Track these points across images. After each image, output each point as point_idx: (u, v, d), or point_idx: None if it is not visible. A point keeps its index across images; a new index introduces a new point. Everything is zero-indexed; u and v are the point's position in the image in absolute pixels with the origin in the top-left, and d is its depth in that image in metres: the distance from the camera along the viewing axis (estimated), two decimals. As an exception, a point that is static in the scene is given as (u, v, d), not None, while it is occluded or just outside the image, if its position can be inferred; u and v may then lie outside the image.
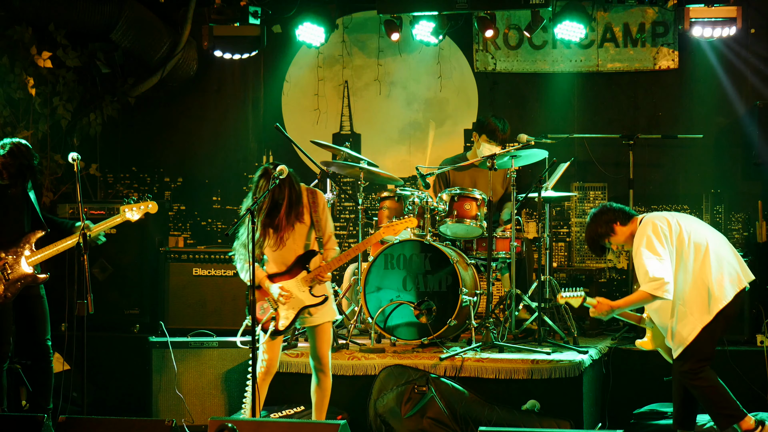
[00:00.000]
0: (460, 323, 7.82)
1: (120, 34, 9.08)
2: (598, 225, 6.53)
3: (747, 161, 8.93)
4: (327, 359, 6.66)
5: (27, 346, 7.28)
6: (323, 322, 6.62)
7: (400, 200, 8.01)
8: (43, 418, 6.04)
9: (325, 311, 6.61)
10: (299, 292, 6.50)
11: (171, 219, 9.80)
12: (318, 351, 6.64)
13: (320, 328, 6.62)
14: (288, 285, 6.49)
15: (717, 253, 6.34)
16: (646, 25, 9.15)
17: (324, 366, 6.66)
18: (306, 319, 6.58)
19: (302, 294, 6.50)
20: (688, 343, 6.28)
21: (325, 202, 6.66)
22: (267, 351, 6.57)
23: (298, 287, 6.50)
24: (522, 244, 8.17)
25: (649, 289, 6.20)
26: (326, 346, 6.65)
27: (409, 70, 9.66)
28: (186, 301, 8.55)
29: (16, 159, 7.01)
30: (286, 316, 6.49)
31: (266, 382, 6.61)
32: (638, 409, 7.47)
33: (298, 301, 6.49)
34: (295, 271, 6.53)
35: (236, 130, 9.88)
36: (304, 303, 6.50)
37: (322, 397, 6.71)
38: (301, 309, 6.51)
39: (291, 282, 6.51)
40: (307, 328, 6.65)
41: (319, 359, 6.64)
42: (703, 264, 6.29)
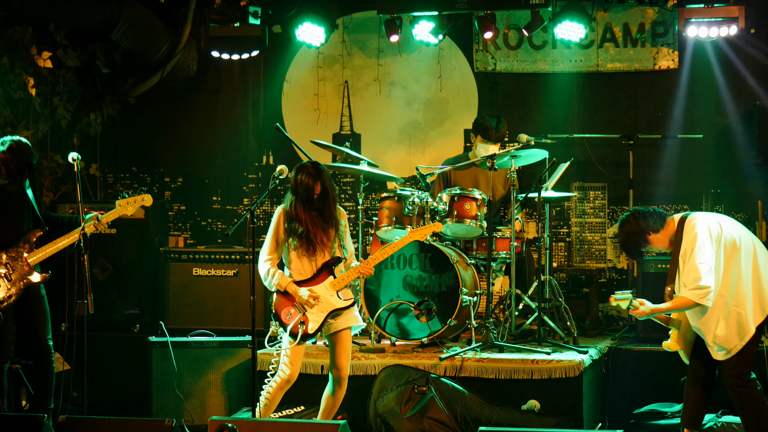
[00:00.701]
0: (460, 323, 7.82)
1: (120, 34, 9.08)
2: (630, 237, 6.39)
3: (747, 161, 8.93)
4: (346, 369, 6.61)
5: (28, 346, 7.28)
6: (345, 328, 6.58)
7: (400, 200, 8.01)
8: (43, 418, 6.04)
9: (349, 317, 6.59)
10: (328, 296, 6.50)
11: (171, 219, 9.80)
12: (338, 359, 6.59)
13: (342, 334, 6.57)
14: (316, 289, 6.50)
15: (764, 255, 6.29)
16: (646, 25, 9.15)
17: (343, 377, 6.61)
18: (329, 324, 6.55)
19: (331, 298, 6.51)
20: (743, 345, 6.19)
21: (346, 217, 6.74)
22: (291, 359, 6.52)
23: (326, 291, 6.51)
24: (522, 244, 8.17)
25: (694, 297, 6.10)
26: (346, 354, 6.60)
27: (409, 70, 9.66)
28: (186, 301, 8.55)
29: (16, 156, 7.01)
30: (315, 319, 6.48)
31: (284, 390, 6.57)
32: (638, 409, 7.47)
33: (326, 305, 6.49)
34: (322, 277, 6.54)
35: (236, 130, 9.89)
36: (333, 306, 6.49)
37: (332, 406, 6.67)
38: (330, 312, 6.50)
39: (319, 287, 6.51)
40: (328, 336, 6.61)
41: (339, 369, 6.59)
42: (755, 266, 6.22)
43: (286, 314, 6.49)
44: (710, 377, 6.38)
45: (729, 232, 6.25)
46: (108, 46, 9.30)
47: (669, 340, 6.45)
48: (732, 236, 6.24)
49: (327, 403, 6.69)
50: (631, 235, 6.38)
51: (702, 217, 6.32)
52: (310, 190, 6.43)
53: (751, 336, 6.18)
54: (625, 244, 6.47)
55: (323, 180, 6.46)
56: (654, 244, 6.39)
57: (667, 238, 6.36)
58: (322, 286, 6.51)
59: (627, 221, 6.43)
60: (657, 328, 8.04)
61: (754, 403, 6.21)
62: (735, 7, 8.40)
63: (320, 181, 6.45)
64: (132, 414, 7.54)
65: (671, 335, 6.45)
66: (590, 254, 9.35)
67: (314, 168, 6.48)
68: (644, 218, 6.37)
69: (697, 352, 6.38)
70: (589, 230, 9.37)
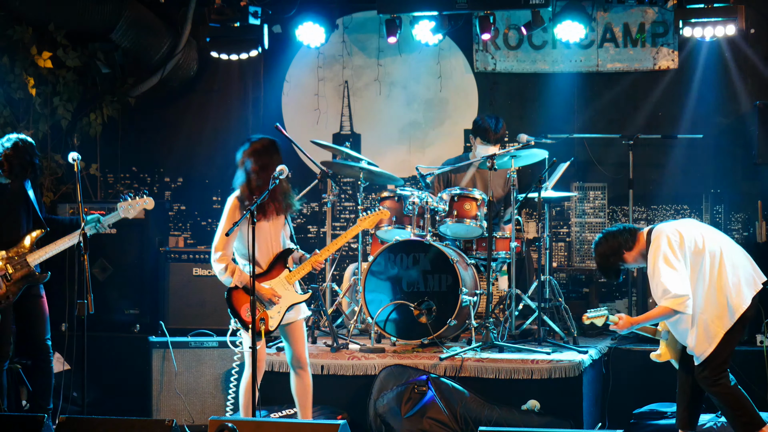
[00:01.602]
0: (460, 323, 7.82)
1: (120, 34, 9.08)
2: (605, 258, 6.41)
3: (747, 161, 8.93)
4: (305, 356, 6.64)
5: (27, 345, 7.28)
6: (298, 319, 6.60)
7: (400, 200, 8.01)
8: (43, 418, 6.04)
9: (300, 308, 6.61)
10: (284, 291, 6.49)
11: (171, 219, 9.80)
12: (295, 348, 6.61)
13: (297, 324, 6.60)
14: (273, 284, 6.48)
15: (731, 258, 6.28)
16: (646, 25, 9.15)
17: (303, 363, 6.63)
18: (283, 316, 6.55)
19: (287, 292, 6.50)
20: (712, 350, 6.20)
21: None
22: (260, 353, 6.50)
23: (282, 285, 6.50)
24: (522, 244, 8.17)
25: (670, 305, 6.10)
26: (303, 341, 6.63)
27: (409, 70, 9.65)
28: (186, 301, 8.55)
29: (20, 154, 7.02)
30: (275, 315, 6.47)
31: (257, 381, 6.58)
32: (638, 409, 7.47)
33: (285, 300, 6.49)
34: (277, 270, 6.52)
35: (236, 130, 9.88)
36: (291, 301, 6.50)
37: (305, 395, 6.66)
38: (290, 307, 6.50)
39: (275, 281, 6.50)
40: (282, 327, 6.60)
41: (298, 357, 6.61)
42: (720, 271, 6.22)
43: (245, 311, 6.45)
44: None
45: (691, 238, 6.24)
46: (108, 46, 9.30)
47: (658, 351, 6.47)
48: (694, 242, 6.23)
49: (300, 394, 6.64)
50: (606, 256, 6.39)
51: (666, 228, 6.30)
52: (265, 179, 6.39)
53: (719, 340, 6.19)
54: (601, 266, 6.47)
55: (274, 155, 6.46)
56: (629, 261, 6.40)
57: (638, 253, 6.37)
58: (278, 280, 6.51)
59: (599, 243, 6.44)
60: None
61: (728, 398, 6.23)
62: (734, 7, 8.39)
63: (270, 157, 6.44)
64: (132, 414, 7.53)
65: (660, 346, 6.46)
66: (590, 254, 9.34)
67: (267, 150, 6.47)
68: (614, 237, 6.38)
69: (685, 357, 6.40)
70: (589, 230, 9.37)
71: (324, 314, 7.97)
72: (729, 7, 8.37)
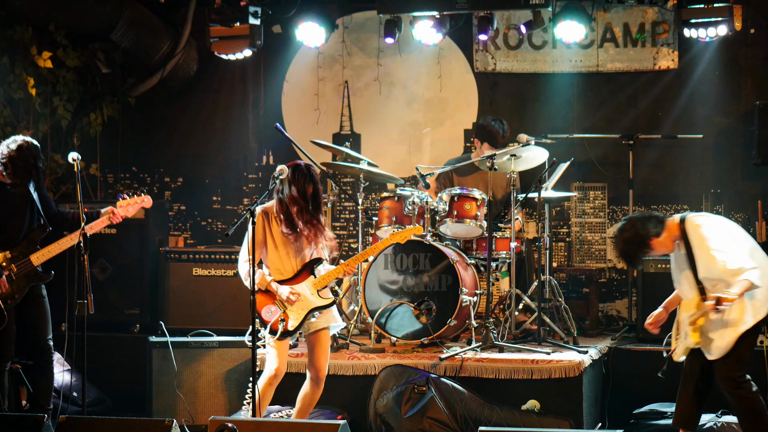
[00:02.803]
0: (460, 323, 7.82)
1: (120, 35, 9.08)
2: (630, 245, 6.23)
3: (747, 161, 8.93)
4: (325, 370, 6.65)
5: (28, 346, 7.28)
6: (324, 327, 6.62)
7: (400, 200, 8.01)
8: (43, 418, 6.04)
9: (328, 316, 6.63)
10: (308, 294, 6.52)
11: (171, 219, 9.80)
12: (316, 359, 6.63)
13: (321, 334, 6.61)
14: (297, 287, 6.53)
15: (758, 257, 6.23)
16: (646, 25, 9.15)
17: (321, 377, 6.64)
18: (309, 324, 6.58)
19: (311, 296, 6.53)
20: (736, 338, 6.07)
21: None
22: (277, 353, 6.54)
23: (306, 290, 6.53)
24: (522, 244, 8.17)
25: (752, 277, 5.93)
26: (325, 354, 6.64)
27: (409, 70, 9.65)
28: (186, 301, 8.55)
29: (24, 156, 7.01)
30: (296, 317, 6.50)
31: (273, 386, 6.59)
32: (638, 409, 7.47)
33: (307, 303, 6.52)
34: (303, 277, 6.57)
35: (236, 130, 9.88)
36: (313, 304, 6.52)
37: (309, 404, 6.70)
38: (310, 310, 6.52)
39: (299, 285, 6.55)
40: (307, 336, 6.64)
41: (318, 369, 6.63)
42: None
43: (266, 312, 6.52)
44: (705, 379, 6.31)
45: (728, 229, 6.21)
46: (108, 46, 9.30)
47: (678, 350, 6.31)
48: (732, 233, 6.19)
49: (303, 401, 6.69)
50: (631, 243, 6.23)
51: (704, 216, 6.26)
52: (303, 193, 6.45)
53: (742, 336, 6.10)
54: (625, 253, 6.31)
55: (315, 183, 6.51)
56: (657, 249, 6.23)
57: (671, 240, 6.23)
58: (302, 285, 6.55)
59: (625, 229, 6.26)
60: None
61: (748, 404, 6.17)
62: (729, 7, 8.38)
63: (312, 184, 6.50)
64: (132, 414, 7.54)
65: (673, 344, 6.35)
66: (590, 254, 9.35)
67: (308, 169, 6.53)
68: (643, 224, 6.21)
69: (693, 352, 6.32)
70: (589, 230, 9.37)
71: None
72: (724, 7, 8.36)
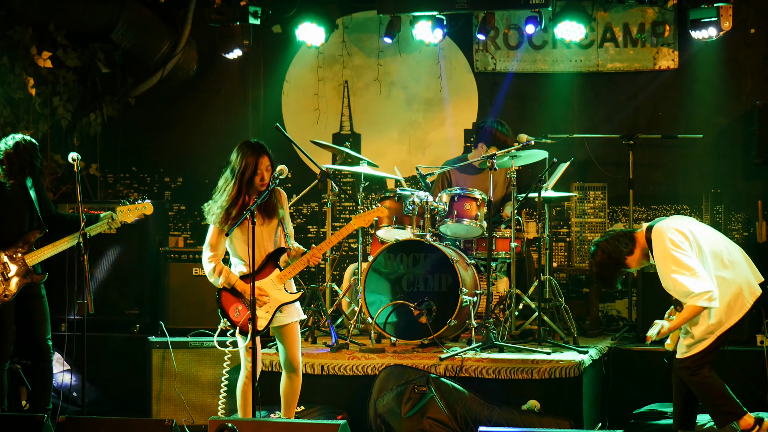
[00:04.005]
0: (460, 323, 7.82)
1: (120, 34, 9.08)
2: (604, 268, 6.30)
3: (747, 161, 8.93)
4: (298, 358, 6.62)
5: (27, 345, 7.28)
6: (292, 321, 6.57)
7: (400, 200, 8.01)
8: (43, 418, 6.04)
9: (293, 310, 6.57)
10: (275, 291, 6.47)
11: (171, 219, 9.80)
12: (289, 351, 6.58)
13: (290, 327, 6.57)
14: (263, 284, 6.46)
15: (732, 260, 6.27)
16: (646, 25, 9.15)
17: (296, 366, 6.60)
18: (275, 318, 6.51)
19: (278, 292, 6.47)
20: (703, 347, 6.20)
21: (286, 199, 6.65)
22: (247, 356, 6.49)
23: (272, 285, 6.48)
24: (522, 244, 8.17)
25: (701, 303, 6.05)
26: (296, 344, 6.60)
27: (409, 70, 9.65)
28: (186, 301, 8.55)
29: (21, 155, 7.02)
30: (264, 315, 6.44)
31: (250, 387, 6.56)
32: (638, 409, 7.47)
33: (274, 300, 6.46)
34: (267, 270, 6.49)
35: (236, 130, 9.88)
36: (281, 301, 6.47)
37: (293, 396, 6.65)
38: (279, 307, 6.47)
39: (265, 281, 6.47)
40: (275, 328, 6.58)
41: (291, 359, 6.59)
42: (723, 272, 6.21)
43: (234, 311, 6.47)
44: None
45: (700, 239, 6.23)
46: (108, 46, 9.31)
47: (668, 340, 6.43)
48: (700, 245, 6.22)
49: (287, 395, 6.63)
50: (606, 265, 6.30)
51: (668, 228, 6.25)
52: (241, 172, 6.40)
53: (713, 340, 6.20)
54: (602, 277, 6.37)
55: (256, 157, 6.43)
56: (632, 265, 6.34)
57: (640, 255, 6.32)
58: (268, 280, 6.46)
59: (596, 254, 6.33)
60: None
61: (710, 387, 6.23)
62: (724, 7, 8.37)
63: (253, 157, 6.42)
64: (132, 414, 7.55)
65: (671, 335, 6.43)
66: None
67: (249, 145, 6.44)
68: (612, 245, 6.29)
69: None
70: (589, 230, 9.37)
71: (324, 314, 7.98)
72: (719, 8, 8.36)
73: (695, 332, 6.25)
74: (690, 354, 6.27)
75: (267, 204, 6.45)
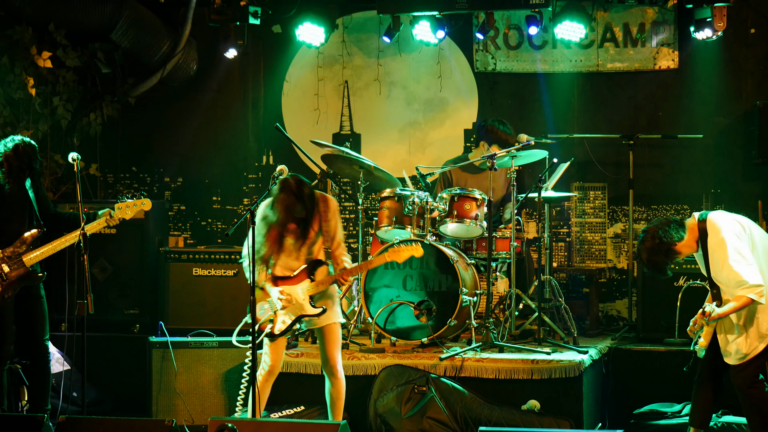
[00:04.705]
0: (460, 323, 7.82)
1: (120, 34, 9.09)
2: (655, 254, 6.18)
3: (747, 161, 8.93)
4: (335, 361, 6.62)
5: (25, 345, 7.28)
6: (328, 323, 6.59)
7: (400, 200, 8.00)
8: (43, 418, 6.04)
9: (329, 314, 6.59)
10: (300, 300, 6.49)
11: (171, 219, 9.80)
12: (324, 353, 6.61)
13: (326, 329, 6.60)
14: (289, 289, 6.49)
15: None
16: (646, 25, 9.15)
17: (332, 368, 6.62)
18: (312, 320, 6.56)
19: (303, 302, 6.50)
20: (762, 348, 6.08)
21: (337, 209, 6.66)
22: (270, 352, 6.55)
23: (300, 294, 6.50)
24: (522, 244, 8.17)
25: (753, 295, 5.95)
26: (332, 347, 6.61)
27: (409, 70, 9.65)
28: (186, 301, 8.56)
29: (19, 157, 7.02)
30: (283, 320, 6.48)
31: (269, 383, 6.60)
32: (638, 409, 7.47)
33: (297, 308, 6.49)
34: (299, 278, 6.53)
35: (236, 130, 9.89)
36: (302, 312, 6.50)
37: (333, 399, 6.67)
38: (299, 317, 6.50)
39: (294, 288, 6.51)
40: (317, 330, 6.63)
41: (326, 361, 6.62)
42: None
43: (259, 308, 6.52)
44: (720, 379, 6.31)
45: (748, 230, 6.19)
46: (108, 46, 9.31)
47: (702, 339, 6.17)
48: (751, 234, 6.18)
49: (328, 398, 6.69)
50: (658, 251, 6.19)
51: (726, 217, 6.21)
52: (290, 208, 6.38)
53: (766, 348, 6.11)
54: (653, 263, 6.25)
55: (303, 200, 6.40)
56: (683, 251, 6.23)
57: (694, 240, 6.22)
58: (298, 288, 6.51)
59: (646, 239, 6.21)
60: (657, 327, 8.07)
61: (759, 404, 6.15)
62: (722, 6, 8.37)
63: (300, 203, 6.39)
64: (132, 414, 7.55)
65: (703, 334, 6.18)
66: (590, 254, 9.35)
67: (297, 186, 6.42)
68: (664, 231, 6.19)
69: (713, 351, 6.26)
70: (589, 230, 9.37)
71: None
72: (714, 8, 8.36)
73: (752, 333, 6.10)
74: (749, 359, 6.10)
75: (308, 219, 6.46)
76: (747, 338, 6.12)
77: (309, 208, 6.44)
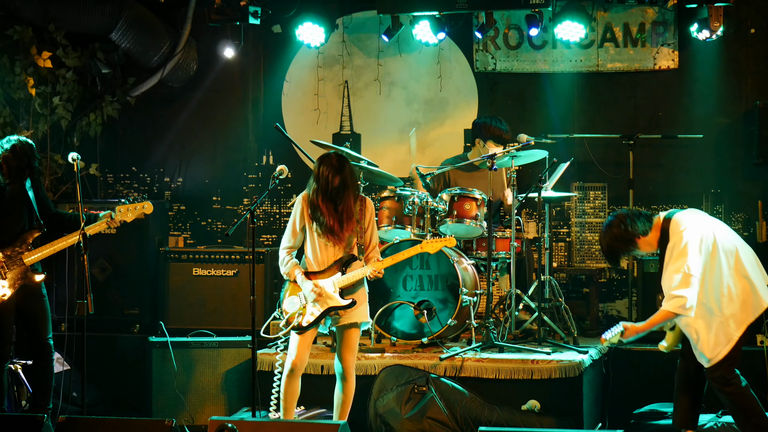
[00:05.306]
0: (460, 323, 7.82)
1: (120, 34, 9.09)
2: (617, 241, 6.18)
3: (747, 161, 8.93)
4: (348, 364, 6.58)
5: (28, 345, 7.28)
6: (350, 323, 6.55)
7: (400, 200, 8.01)
8: (43, 418, 6.04)
9: (354, 312, 6.55)
10: (330, 292, 6.49)
11: (171, 219, 9.80)
12: (340, 353, 6.58)
13: (346, 332, 6.56)
14: (322, 283, 6.49)
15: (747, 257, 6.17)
16: (646, 25, 9.15)
17: (345, 370, 6.59)
18: (335, 318, 6.54)
19: (333, 294, 6.49)
20: (727, 352, 6.09)
21: (373, 211, 6.65)
22: (297, 347, 6.51)
23: (330, 287, 6.50)
24: (522, 244, 8.17)
25: (671, 308, 5.99)
26: (349, 349, 6.57)
27: (409, 70, 9.65)
28: (186, 301, 8.56)
29: (18, 156, 7.02)
30: (312, 312, 6.48)
31: (293, 379, 6.53)
32: (638, 409, 7.47)
33: (326, 301, 6.48)
34: (331, 272, 6.52)
35: (236, 130, 9.89)
36: (332, 304, 6.49)
37: (342, 401, 6.64)
38: (327, 309, 6.49)
39: (325, 281, 6.50)
40: (337, 328, 6.61)
41: (341, 362, 6.59)
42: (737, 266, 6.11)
43: (288, 303, 6.53)
44: (699, 376, 6.30)
45: (711, 234, 6.14)
46: (108, 46, 9.31)
47: (664, 342, 6.33)
48: (714, 238, 6.13)
49: (337, 400, 6.66)
50: (618, 239, 6.18)
51: (687, 219, 6.17)
52: (328, 183, 6.39)
53: (735, 342, 6.11)
54: (611, 249, 6.24)
55: (344, 174, 6.41)
56: (642, 248, 6.23)
57: (656, 240, 6.21)
58: (328, 281, 6.50)
59: (612, 225, 6.20)
60: (657, 328, 8.05)
61: (739, 399, 6.15)
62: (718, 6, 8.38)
63: (340, 175, 6.39)
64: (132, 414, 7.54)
65: (666, 336, 6.34)
66: (590, 254, 9.35)
67: (338, 160, 6.45)
68: (631, 221, 6.17)
69: (686, 352, 6.32)
70: (589, 230, 9.37)
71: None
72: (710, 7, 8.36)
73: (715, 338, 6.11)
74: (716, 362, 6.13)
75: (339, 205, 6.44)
76: (709, 343, 6.12)
77: (349, 183, 6.44)
